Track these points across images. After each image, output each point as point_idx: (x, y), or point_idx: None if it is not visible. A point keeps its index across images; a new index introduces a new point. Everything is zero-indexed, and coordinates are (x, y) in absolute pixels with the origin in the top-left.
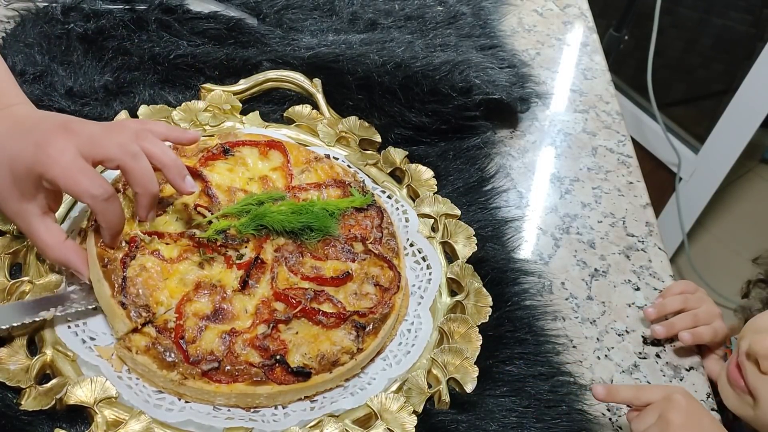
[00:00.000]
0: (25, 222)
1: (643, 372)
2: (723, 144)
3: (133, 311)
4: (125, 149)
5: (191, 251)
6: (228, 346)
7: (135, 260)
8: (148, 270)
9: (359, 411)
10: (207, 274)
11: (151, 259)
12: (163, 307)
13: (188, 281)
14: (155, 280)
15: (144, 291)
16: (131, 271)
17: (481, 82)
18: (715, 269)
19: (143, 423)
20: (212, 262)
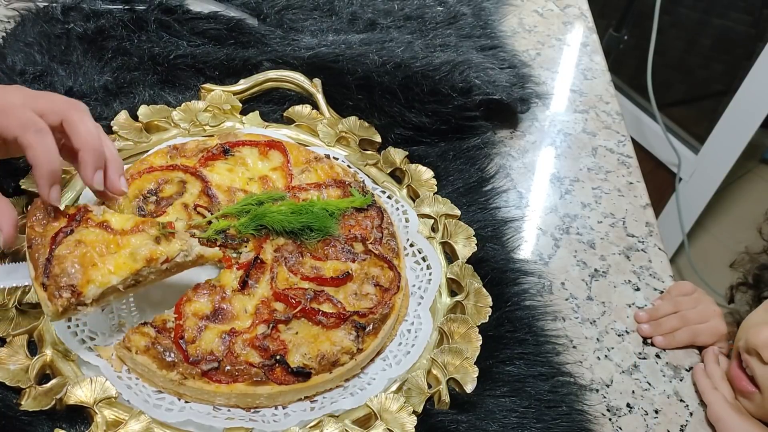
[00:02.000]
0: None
1: (643, 372)
2: (723, 144)
3: (55, 292)
4: (29, 124)
5: (149, 224)
6: (228, 346)
7: (71, 236)
8: (86, 245)
9: (359, 411)
10: (162, 251)
11: (94, 232)
12: (96, 285)
13: (140, 256)
14: (94, 255)
15: (73, 269)
16: (62, 249)
17: (482, 82)
18: (715, 269)
19: (143, 423)
20: (170, 238)
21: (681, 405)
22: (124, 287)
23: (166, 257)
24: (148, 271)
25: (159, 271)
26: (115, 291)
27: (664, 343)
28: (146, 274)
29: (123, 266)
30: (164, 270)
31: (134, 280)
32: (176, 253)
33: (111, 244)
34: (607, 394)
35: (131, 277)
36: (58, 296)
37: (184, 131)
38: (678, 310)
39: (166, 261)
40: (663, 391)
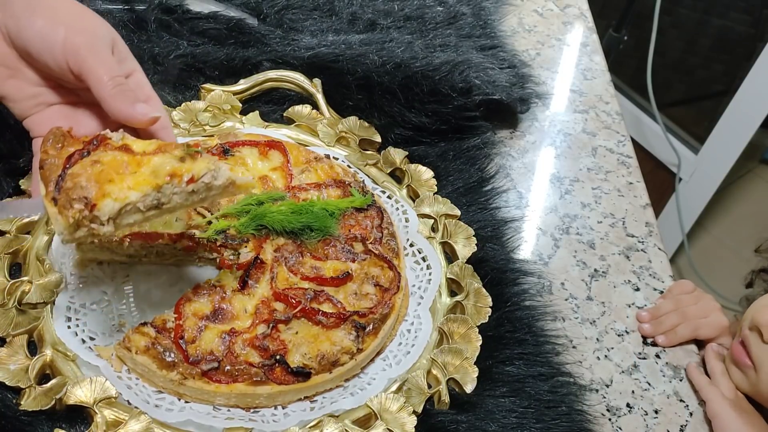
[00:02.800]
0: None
1: (643, 372)
2: (723, 144)
3: (66, 203)
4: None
5: (173, 146)
6: (228, 346)
7: (87, 157)
8: (103, 164)
9: (359, 411)
10: (188, 167)
11: (112, 154)
12: (112, 200)
13: (162, 172)
14: (111, 173)
15: (88, 184)
16: (76, 168)
17: (481, 82)
18: (714, 269)
19: (143, 423)
20: (197, 157)
21: (681, 405)
22: (146, 208)
23: (192, 176)
24: (171, 190)
25: (184, 194)
26: (135, 212)
27: (666, 341)
28: (169, 195)
29: (143, 182)
30: (190, 193)
31: (156, 201)
32: (203, 172)
33: (130, 165)
34: (607, 394)
35: (153, 196)
36: (69, 206)
37: (184, 131)
38: (678, 308)
39: (191, 180)
40: (663, 391)
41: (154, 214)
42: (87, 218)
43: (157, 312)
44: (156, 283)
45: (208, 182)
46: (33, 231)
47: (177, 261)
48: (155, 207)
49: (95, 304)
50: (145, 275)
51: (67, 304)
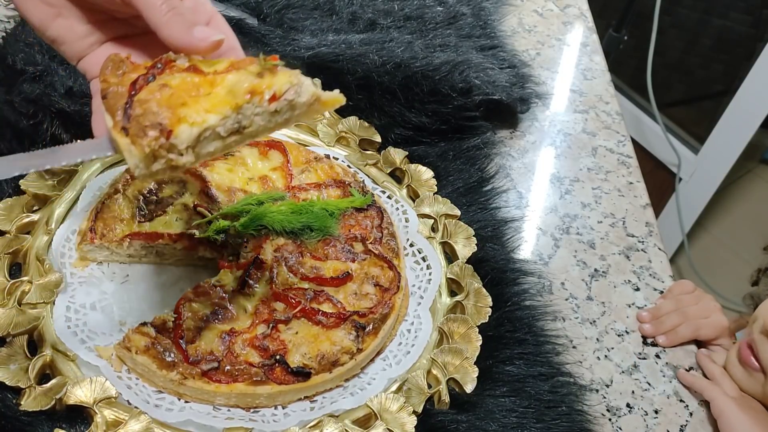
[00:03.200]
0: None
1: (643, 372)
2: (723, 144)
3: (140, 132)
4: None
5: (247, 61)
6: (228, 346)
7: (154, 82)
8: (172, 88)
9: (359, 411)
10: (269, 83)
11: (180, 77)
12: (189, 125)
13: (241, 91)
14: (183, 96)
15: (160, 109)
16: (144, 94)
17: (481, 82)
18: (714, 269)
19: (143, 423)
20: (275, 71)
21: (681, 405)
22: (226, 133)
23: (273, 93)
24: (252, 110)
25: (266, 114)
26: (215, 138)
27: (667, 341)
28: (250, 116)
29: (221, 103)
30: (272, 113)
31: (237, 124)
32: (285, 88)
33: (203, 86)
34: (607, 394)
35: (233, 118)
36: (143, 135)
37: None
38: (679, 308)
39: (273, 98)
40: (663, 391)
41: (235, 140)
42: (164, 147)
43: (157, 312)
44: (156, 283)
45: (291, 99)
46: (33, 231)
47: (177, 261)
48: (236, 132)
49: (95, 304)
50: (144, 275)
51: (67, 304)
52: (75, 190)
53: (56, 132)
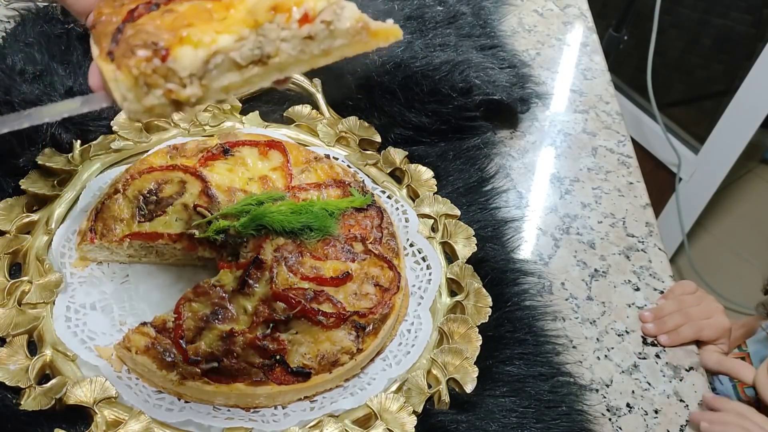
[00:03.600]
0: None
1: (643, 372)
2: (723, 144)
3: (127, 52)
4: None
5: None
6: (227, 347)
7: (157, 10)
8: (178, 12)
9: (359, 411)
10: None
11: (194, 2)
12: (193, 46)
13: (262, 6)
14: (191, 18)
15: (158, 30)
16: (144, 19)
17: (481, 82)
18: (715, 269)
19: (143, 423)
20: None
21: (681, 405)
22: (244, 60)
23: (305, 11)
24: (278, 33)
25: (296, 40)
26: (231, 68)
27: (668, 341)
28: (275, 40)
29: (240, 22)
30: (305, 39)
31: (258, 50)
32: (321, 6)
33: (217, 10)
34: (607, 394)
35: (252, 40)
36: (132, 55)
37: (184, 131)
38: (681, 308)
39: (305, 20)
40: (663, 391)
41: (257, 73)
42: (159, 72)
43: (157, 312)
44: (156, 283)
45: (328, 22)
46: (33, 231)
47: (177, 261)
48: (258, 61)
49: (95, 304)
50: (144, 275)
51: (67, 304)
52: (75, 190)
53: (56, 132)
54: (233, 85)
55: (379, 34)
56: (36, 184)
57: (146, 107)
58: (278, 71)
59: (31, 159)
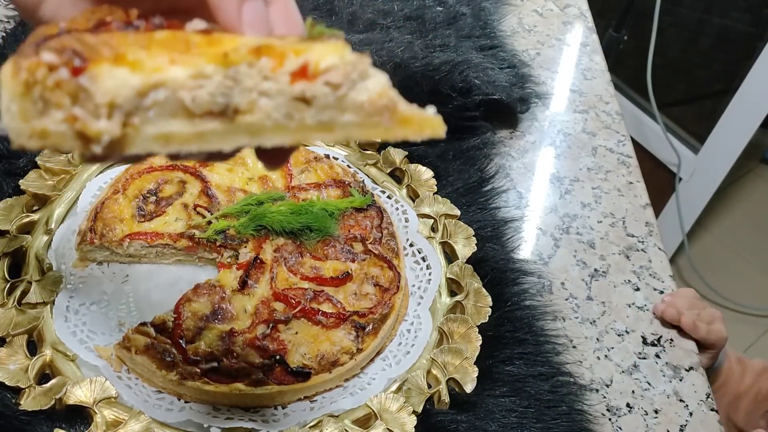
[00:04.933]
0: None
1: (643, 372)
2: (723, 144)
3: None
4: None
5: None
6: (227, 347)
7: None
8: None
9: (359, 411)
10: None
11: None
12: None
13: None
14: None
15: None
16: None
17: (481, 82)
18: (714, 269)
19: (143, 423)
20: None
21: (681, 405)
22: (198, 107)
23: (304, 62)
24: (256, 80)
25: (284, 98)
26: (177, 110)
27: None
28: (250, 90)
29: (204, 57)
30: (296, 100)
31: (222, 97)
32: (328, 62)
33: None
34: (607, 394)
35: (215, 82)
36: (32, 54)
37: None
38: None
39: (302, 73)
40: (663, 391)
41: (215, 130)
42: (65, 89)
43: (157, 312)
44: (156, 283)
45: (336, 85)
46: (33, 231)
47: (177, 261)
48: (220, 114)
49: (95, 304)
50: (144, 275)
51: (67, 304)
52: (75, 190)
53: None
54: (176, 137)
55: (409, 122)
56: (36, 184)
57: (35, 130)
58: (247, 134)
59: (31, 159)
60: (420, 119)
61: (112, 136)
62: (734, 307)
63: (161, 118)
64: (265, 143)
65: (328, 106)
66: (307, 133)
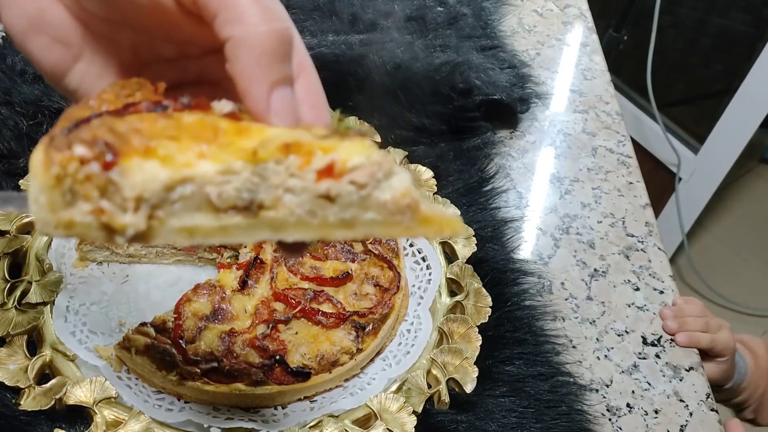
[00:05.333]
0: None
1: (643, 372)
2: (723, 144)
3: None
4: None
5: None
6: (227, 347)
7: (162, 111)
8: (179, 122)
9: (359, 411)
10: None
11: (207, 117)
12: (159, 161)
13: (274, 144)
14: (186, 133)
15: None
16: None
17: (482, 82)
18: (714, 269)
19: (143, 423)
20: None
21: (681, 405)
22: (223, 202)
23: (331, 161)
24: (283, 177)
25: (308, 195)
26: (202, 205)
27: (686, 341)
28: (277, 187)
29: (231, 151)
30: (320, 198)
31: (249, 193)
32: (355, 161)
33: (227, 133)
34: (607, 394)
35: (243, 177)
36: (64, 148)
37: None
38: (703, 315)
39: (329, 172)
40: (663, 391)
41: (238, 224)
42: (95, 182)
43: (157, 312)
44: (156, 283)
45: (361, 185)
46: (33, 231)
47: (177, 261)
48: (244, 209)
49: (95, 304)
50: (144, 275)
51: (67, 304)
52: None
53: None
54: (199, 231)
55: (429, 222)
56: None
57: (62, 221)
58: (270, 229)
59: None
60: (440, 219)
61: (137, 230)
62: (734, 307)
63: (186, 211)
64: (287, 238)
65: (352, 204)
66: (329, 230)
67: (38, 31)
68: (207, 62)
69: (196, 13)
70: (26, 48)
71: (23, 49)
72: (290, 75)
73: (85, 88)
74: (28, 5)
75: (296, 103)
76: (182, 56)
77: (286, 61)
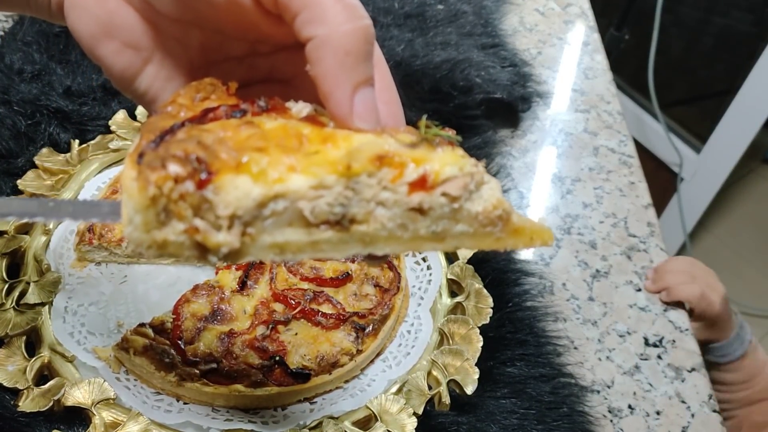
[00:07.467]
0: None
1: (645, 373)
2: (725, 144)
3: (155, 162)
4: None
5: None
6: (227, 348)
7: (240, 117)
8: (262, 129)
9: (359, 413)
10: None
11: (288, 122)
12: (252, 178)
13: (363, 153)
14: (271, 141)
15: (216, 144)
16: (212, 125)
17: (482, 81)
18: (716, 270)
19: (141, 424)
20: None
21: (682, 406)
22: (316, 217)
23: (424, 173)
24: (375, 191)
25: (399, 207)
26: (294, 220)
27: (667, 297)
28: (369, 200)
29: (322, 163)
30: (411, 211)
31: (341, 207)
32: (449, 173)
33: (311, 140)
34: (609, 395)
35: (336, 192)
36: (159, 167)
37: None
38: (689, 270)
39: (421, 184)
40: (664, 393)
41: (329, 239)
42: (189, 201)
43: (156, 313)
44: (154, 283)
45: (454, 197)
46: (31, 231)
47: (175, 262)
48: (336, 223)
49: (93, 304)
50: (143, 276)
51: (65, 304)
52: (73, 190)
53: (54, 132)
54: (291, 246)
55: (521, 233)
56: (34, 184)
57: (155, 241)
58: (360, 243)
59: (29, 159)
60: (531, 230)
61: (231, 248)
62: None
63: (278, 227)
64: (377, 252)
65: (443, 216)
66: (419, 243)
67: (109, 35)
68: (277, 59)
69: (275, 12)
70: (96, 53)
71: (92, 54)
72: (372, 75)
73: (154, 91)
74: (98, 9)
75: (377, 104)
76: (252, 54)
77: (369, 60)
